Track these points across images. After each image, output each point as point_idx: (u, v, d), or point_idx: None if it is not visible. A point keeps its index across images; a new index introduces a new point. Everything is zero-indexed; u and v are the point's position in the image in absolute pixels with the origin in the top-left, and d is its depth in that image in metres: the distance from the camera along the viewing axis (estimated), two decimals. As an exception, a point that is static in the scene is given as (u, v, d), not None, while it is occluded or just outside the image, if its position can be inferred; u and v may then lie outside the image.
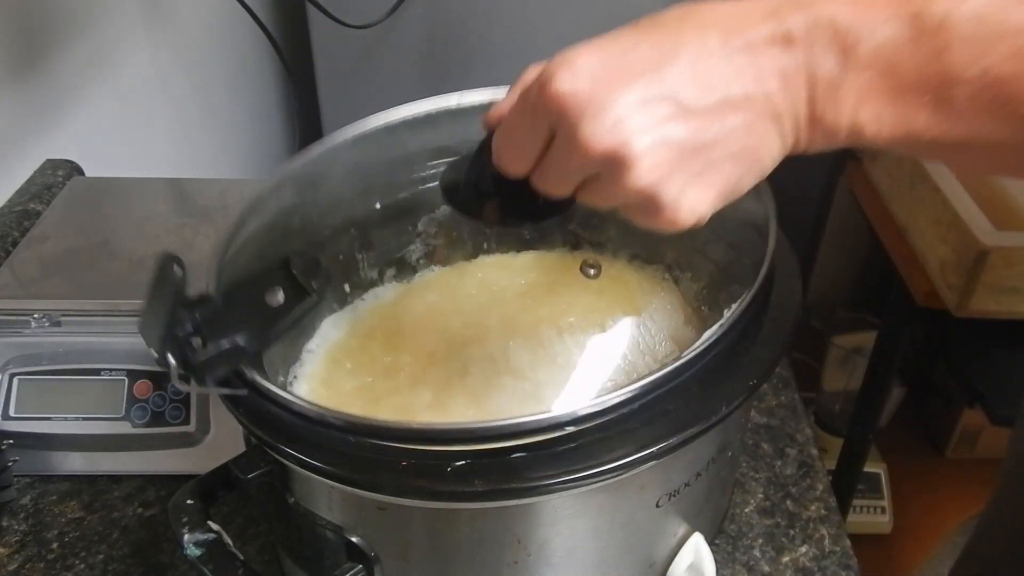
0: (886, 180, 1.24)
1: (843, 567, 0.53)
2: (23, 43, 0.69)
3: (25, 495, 0.57)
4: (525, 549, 0.40)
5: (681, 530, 0.46)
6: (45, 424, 0.56)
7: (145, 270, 0.59)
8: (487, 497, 0.37)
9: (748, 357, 0.42)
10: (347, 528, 0.41)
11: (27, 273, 0.58)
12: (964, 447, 1.68)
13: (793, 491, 0.58)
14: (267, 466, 0.41)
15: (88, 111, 0.77)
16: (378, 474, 0.37)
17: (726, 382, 0.41)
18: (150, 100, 0.88)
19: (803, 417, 0.65)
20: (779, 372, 0.68)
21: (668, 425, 0.38)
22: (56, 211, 0.65)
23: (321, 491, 0.41)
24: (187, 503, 0.41)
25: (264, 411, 0.40)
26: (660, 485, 0.42)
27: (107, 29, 0.80)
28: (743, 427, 0.55)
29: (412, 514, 0.40)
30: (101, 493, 0.58)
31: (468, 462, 0.37)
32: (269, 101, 1.18)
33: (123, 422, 0.56)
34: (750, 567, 0.53)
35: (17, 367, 0.56)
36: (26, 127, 0.70)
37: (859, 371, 1.52)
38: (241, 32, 1.07)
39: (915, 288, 1.10)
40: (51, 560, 0.53)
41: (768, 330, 0.44)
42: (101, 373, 0.56)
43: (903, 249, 1.15)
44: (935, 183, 1.07)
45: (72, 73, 0.75)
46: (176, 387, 0.39)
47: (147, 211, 0.66)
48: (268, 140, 1.19)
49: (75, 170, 0.71)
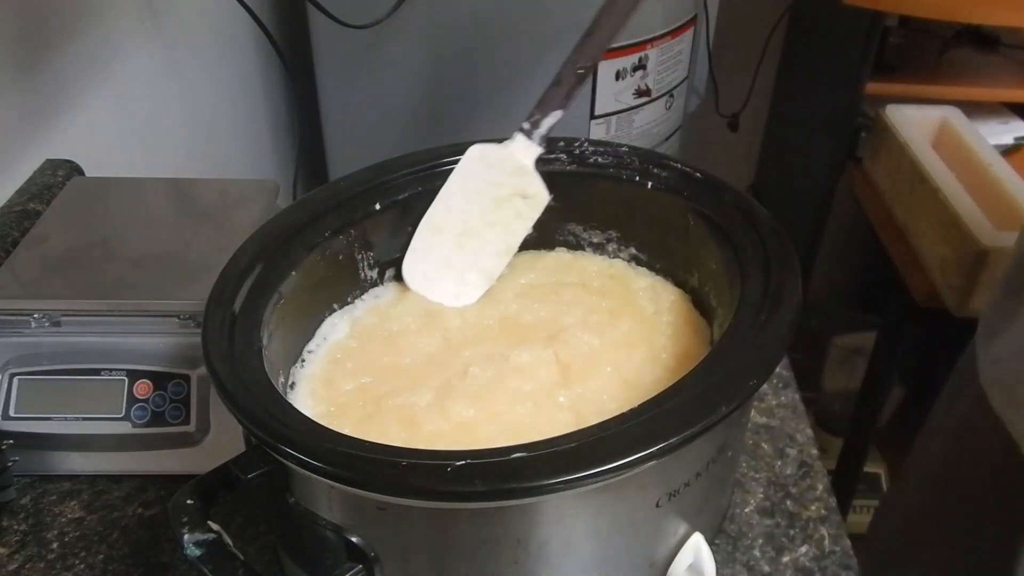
0: (886, 180, 1.24)
1: (843, 567, 0.53)
2: (23, 43, 0.69)
3: (25, 495, 0.57)
4: (525, 549, 0.40)
5: (681, 530, 0.46)
6: (45, 424, 0.56)
7: (145, 270, 0.59)
8: (487, 497, 0.37)
9: (748, 357, 0.42)
10: (347, 528, 0.41)
11: (27, 273, 0.58)
12: (964, 447, 1.68)
13: (793, 491, 0.58)
14: (267, 466, 0.41)
15: (88, 111, 0.77)
16: (378, 474, 0.37)
17: (726, 382, 0.41)
18: (150, 100, 0.88)
19: (803, 417, 0.65)
20: (779, 372, 0.68)
21: (668, 425, 0.38)
22: (56, 211, 0.65)
23: (321, 491, 0.41)
24: (187, 503, 0.41)
25: (264, 411, 0.40)
26: (660, 485, 0.42)
27: (107, 29, 0.80)
28: (743, 427, 0.55)
29: (412, 514, 0.40)
30: (101, 493, 0.58)
31: (468, 462, 0.37)
32: (269, 101, 1.18)
33: (123, 422, 0.56)
34: (750, 567, 0.53)
35: (17, 367, 0.56)
36: (26, 127, 0.70)
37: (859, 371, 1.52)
38: (241, 32, 1.07)
39: (915, 288, 1.10)
40: (51, 560, 0.53)
41: (768, 330, 0.44)
42: (101, 373, 0.56)
43: (903, 249, 1.15)
44: (935, 183, 1.07)
45: (72, 73, 0.75)
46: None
47: (147, 211, 0.66)
48: (268, 140, 1.19)
49: (75, 170, 0.71)
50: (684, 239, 0.57)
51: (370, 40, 0.95)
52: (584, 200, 0.61)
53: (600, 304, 0.58)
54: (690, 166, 0.58)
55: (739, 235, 0.52)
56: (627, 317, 0.57)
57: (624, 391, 0.51)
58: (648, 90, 0.98)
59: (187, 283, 0.58)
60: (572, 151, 0.60)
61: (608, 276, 0.61)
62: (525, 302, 0.58)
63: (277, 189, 0.69)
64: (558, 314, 0.57)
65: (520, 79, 0.89)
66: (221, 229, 0.63)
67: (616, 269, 0.61)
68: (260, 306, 0.48)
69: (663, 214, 0.58)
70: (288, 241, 0.53)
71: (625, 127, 0.99)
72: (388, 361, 0.54)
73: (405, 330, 0.56)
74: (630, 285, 0.60)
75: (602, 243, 0.62)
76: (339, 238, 0.55)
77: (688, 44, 1.03)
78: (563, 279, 0.61)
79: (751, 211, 0.53)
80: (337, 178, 0.58)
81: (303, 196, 0.57)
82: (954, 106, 1.25)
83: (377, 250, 0.58)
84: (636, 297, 0.59)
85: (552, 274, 0.61)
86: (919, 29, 1.32)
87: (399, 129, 1.01)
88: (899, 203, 1.19)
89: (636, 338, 0.55)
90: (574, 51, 0.57)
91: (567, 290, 0.59)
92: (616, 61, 0.93)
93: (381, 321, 0.57)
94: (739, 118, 1.68)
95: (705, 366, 0.43)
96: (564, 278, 0.61)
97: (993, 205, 1.05)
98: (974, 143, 1.16)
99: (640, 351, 0.53)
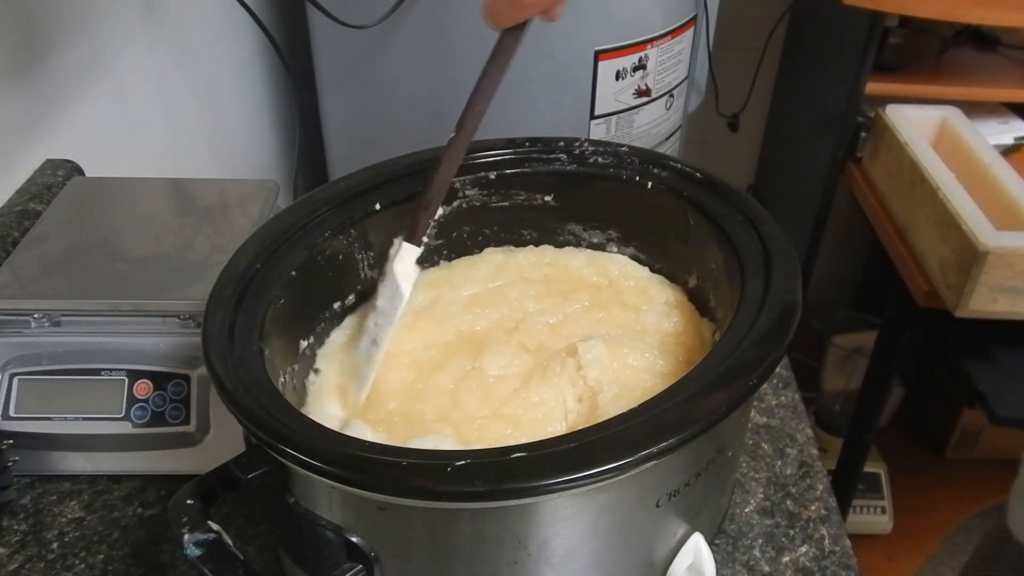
0: (886, 180, 1.24)
1: (843, 567, 0.53)
2: (23, 43, 0.69)
3: (25, 495, 0.57)
4: (525, 549, 0.40)
5: (681, 530, 0.46)
6: (45, 424, 0.56)
7: (145, 270, 0.59)
8: (487, 497, 0.37)
9: (748, 357, 0.42)
10: (347, 528, 0.41)
11: (27, 273, 0.58)
12: (964, 447, 1.68)
13: (793, 491, 0.58)
14: (267, 466, 0.41)
15: (88, 111, 0.77)
16: (378, 474, 0.37)
17: (726, 382, 0.41)
18: (150, 100, 0.88)
19: (803, 417, 0.65)
20: (779, 372, 0.68)
21: (668, 425, 0.38)
22: (56, 211, 0.65)
23: (321, 491, 0.41)
24: (187, 503, 0.41)
25: (264, 411, 0.40)
26: (660, 485, 0.42)
27: (107, 29, 0.80)
28: (743, 427, 0.55)
29: (412, 514, 0.40)
30: (101, 493, 0.58)
31: (468, 462, 0.37)
32: (269, 101, 1.17)
33: (123, 422, 0.56)
34: (750, 567, 0.53)
35: (17, 367, 0.56)
36: (26, 127, 0.70)
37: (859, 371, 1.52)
38: (241, 32, 1.07)
39: (915, 288, 1.10)
40: (51, 560, 0.53)
41: (768, 330, 0.44)
42: (101, 373, 0.56)
43: (903, 249, 1.15)
44: (935, 183, 1.07)
45: (72, 73, 0.75)
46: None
47: (147, 211, 0.66)
48: (268, 140, 1.19)
49: (75, 170, 0.71)
50: (684, 239, 0.57)
51: (370, 40, 0.95)
52: (584, 200, 0.61)
53: (601, 302, 0.58)
54: (690, 166, 0.58)
55: (739, 235, 0.52)
56: (627, 317, 0.57)
57: (623, 391, 0.51)
58: (648, 90, 0.98)
59: (187, 283, 0.58)
60: (572, 151, 0.60)
61: (608, 276, 0.61)
62: (526, 301, 0.58)
63: (277, 189, 0.69)
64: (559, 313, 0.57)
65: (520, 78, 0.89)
66: (221, 229, 0.63)
67: (617, 269, 0.61)
68: (260, 306, 0.48)
69: (663, 214, 0.58)
70: (288, 241, 0.53)
71: (625, 127, 0.99)
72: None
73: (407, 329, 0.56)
74: (630, 285, 0.60)
75: (602, 243, 0.62)
76: (339, 238, 0.55)
77: (688, 44, 1.03)
78: (564, 275, 0.61)
79: (751, 211, 0.53)
80: (337, 178, 0.58)
81: (303, 196, 0.57)
82: (954, 106, 1.25)
83: (377, 250, 0.58)
84: (636, 297, 0.59)
85: (555, 271, 0.61)
86: (919, 29, 1.32)
87: (399, 129, 1.01)
88: (899, 203, 1.19)
89: (636, 338, 0.55)
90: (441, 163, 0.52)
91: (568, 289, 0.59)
92: (616, 61, 0.93)
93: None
94: (739, 118, 1.68)
95: (705, 366, 0.43)
96: (565, 273, 0.61)
97: (993, 205, 1.05)
98: (974, 143, 1.16)
99: (639, 351, 0.53)
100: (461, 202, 0.60)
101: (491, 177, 0.60)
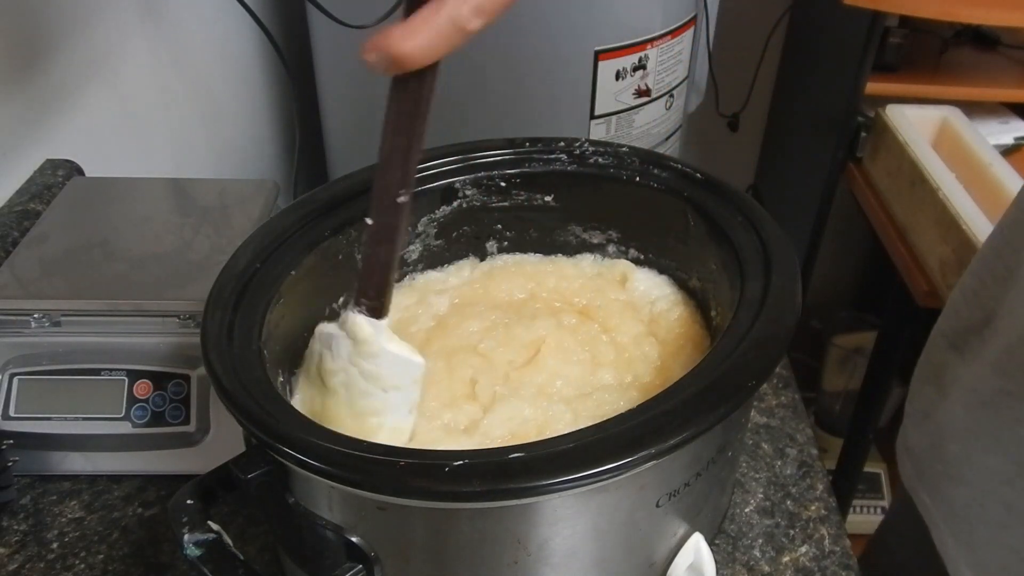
0: (886, 180, 1.24)
1: (843, 567, 0.53)
2: (23, 43, 0.69)
3: (25, 495, 0.57)
4: (525, 549, 0.40)
5: (681, 530, 0.46)
6: (45, 424, 0.56)
7: (145, 270, 0.59)
8: (486, 497, 0.37)
9: (748, 357, 0.42)
10: (347, 528, 0.41)
11: (27, 273, 0.58)
12: (964, 447, 1.68)
13: (793, 491, 0.58)
14: (267, 466, 0.41)
15: (88, 111, 0.77)
16: (378, 474, 0.37)
17: (726, 382, 0.41)
18: (150, 100, 0.88)
19: (803, 417, 0.65)
20: (779, 372, 0.68)
21: (668, 425, 0.38)
22: (56, 211, 0.65)
23: (321, 491, 0.41)
24: (187, 503, 0.41)
25: (264, 411, 0.40)
26: (660, 485, 0.42)
27: (107, 29, 0.80)
28: (743, 427, 0.55)
29: (412, 514, 0.40)
30: (101, 493, 0.58)
31: (467, 462, 0.37)
32: (269, 101, 1.17)
33: (123, 422, 0.56)
34: (750, 567, 0.53)
35: (17, 367, 0.56)
36: (26, 127, 0.70)
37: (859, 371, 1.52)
38: (241, 32, 1.07)
39: (915, 288, 1.10)
40: (51, 560, 0.53)
41: (768, 330, 0.44)
42: (101, 373, 0.56)
43: (903, 249, 1.15)
44: (935, 183, 1.07)
45: (72, 73, 0.75)
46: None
47: (147, 211, 0.66)
48: (268, 140, 1.19)
49: (75, 170, 0.71)
50: (684, 239, 0.57)
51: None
52: (584, 200, 0.61)
53: (601, 302, 0.58)
54: (690, 166, 0.58)
55: (739, 235, 0.52)
56: (627, 317, 0.57)
57: (624, 391, 0.51)
58: (648, 90, 0.98)
59: (187, 283, 0.58)
60: (572, 151, 0.60)
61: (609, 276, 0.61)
62: (526, 301, 0.58)
63: (277, 189, 0.69)
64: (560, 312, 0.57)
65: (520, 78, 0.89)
66: (221, 229, 0.63)
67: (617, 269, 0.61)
68: (260, 306, 0.48)
69: (663, 214, 0.58)
70: (288, 241, 0.53)
71: (625, 127, 0.99)
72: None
73: (406, 329, 0.56)
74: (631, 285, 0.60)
75: (602, 243, 0.62)
76: (339, 238, 0.55)
77: (688, 44, 1.03)
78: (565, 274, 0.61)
79: (751, 211, 0.53)
80: (337, 178, 0.58)
81: (303, 196, 0.57)
82: (954, 106, 1.25)
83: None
84: (636, 297, 0.59)
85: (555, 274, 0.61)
86: (919, 29, 1.32)
87: (399, 129, 1.01)
88: (899, 203, 1.19)
89: (636, 337, 0.55)
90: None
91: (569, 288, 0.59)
92: (616, 61, 0.93)
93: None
94: (739, 118, 1.68)
95: (705, 366, 0.43)
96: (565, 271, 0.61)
97: (993, 205, 1.05)
98: (974, 143, 1.16)
99: (639, 352, 0.53)
100: (461, 202, 0.60)
101: (491, 177, 0.60)
